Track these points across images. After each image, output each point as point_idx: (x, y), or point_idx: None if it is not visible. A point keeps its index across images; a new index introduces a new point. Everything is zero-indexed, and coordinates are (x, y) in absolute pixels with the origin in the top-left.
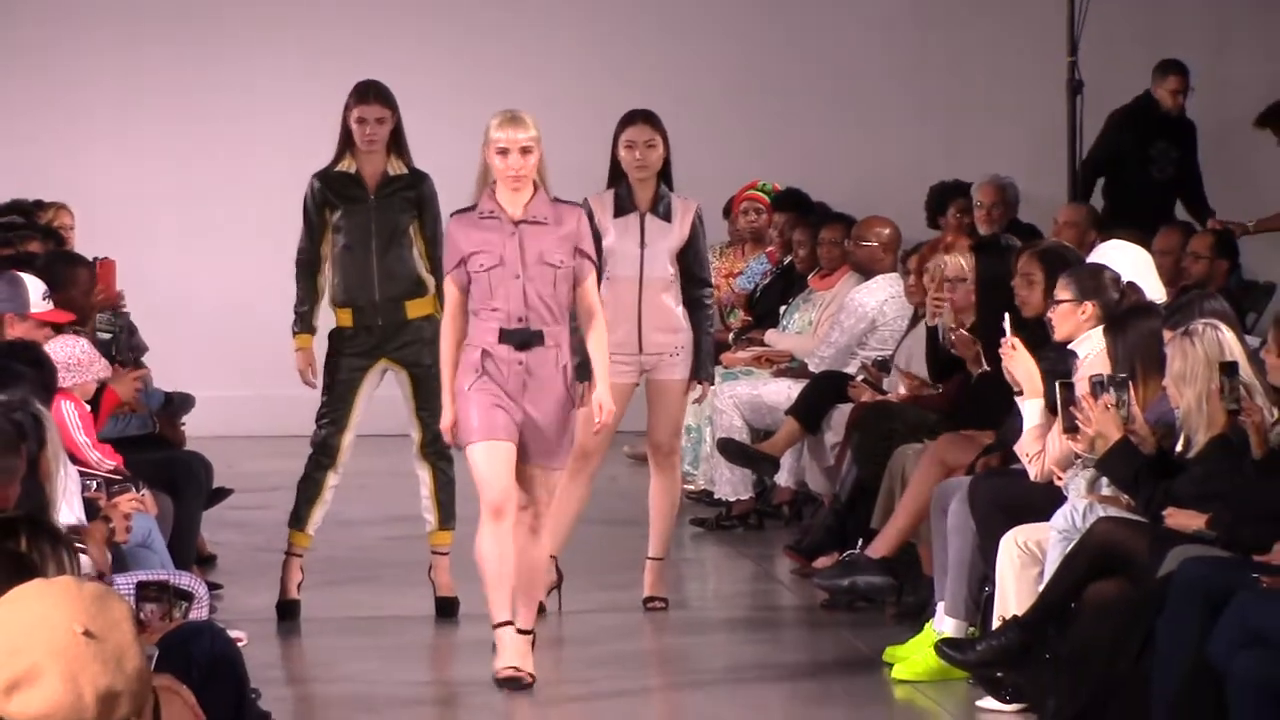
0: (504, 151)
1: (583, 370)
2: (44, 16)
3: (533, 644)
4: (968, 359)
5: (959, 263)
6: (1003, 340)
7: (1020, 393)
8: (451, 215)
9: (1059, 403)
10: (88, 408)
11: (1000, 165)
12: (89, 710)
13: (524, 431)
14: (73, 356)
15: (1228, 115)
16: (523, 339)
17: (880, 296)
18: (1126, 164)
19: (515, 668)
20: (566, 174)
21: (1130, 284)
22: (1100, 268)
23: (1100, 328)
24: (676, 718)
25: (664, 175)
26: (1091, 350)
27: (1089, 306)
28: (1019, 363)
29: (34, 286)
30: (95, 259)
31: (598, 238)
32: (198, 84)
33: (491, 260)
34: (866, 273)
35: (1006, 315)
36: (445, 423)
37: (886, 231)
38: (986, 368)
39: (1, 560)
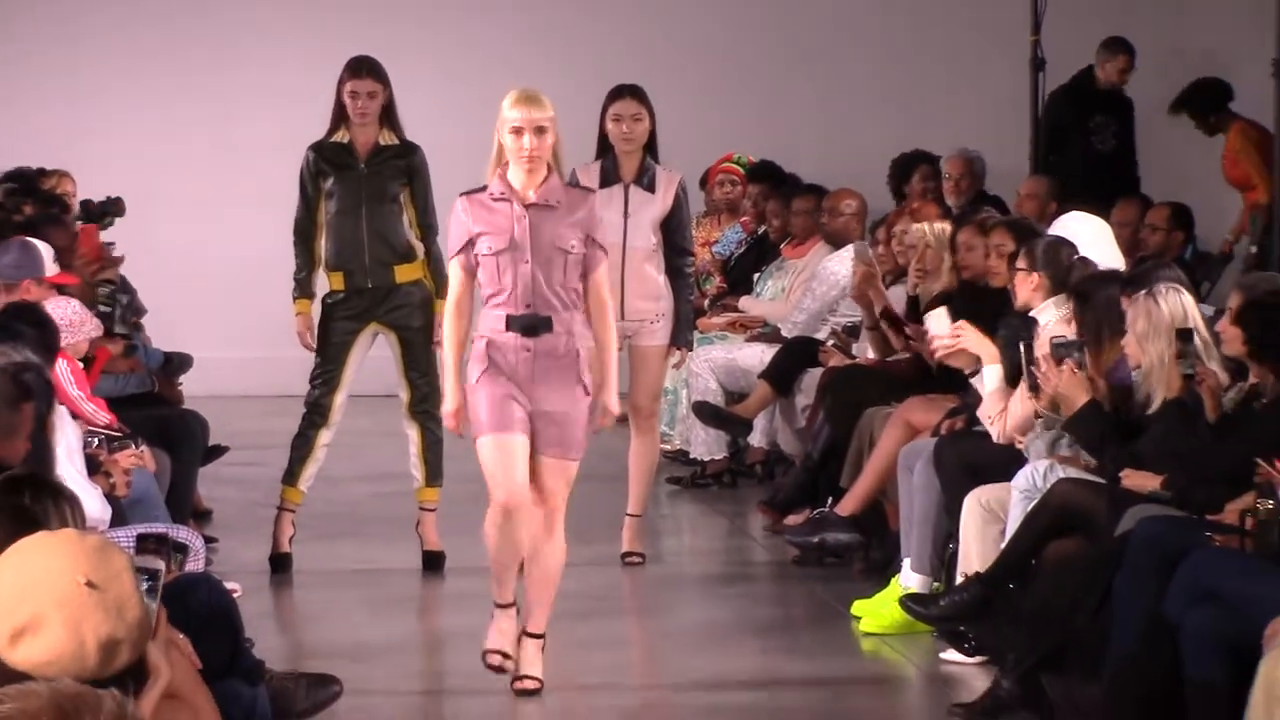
0: (518, 130)
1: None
2: None
3: (543, 648)
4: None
5: (922, 230)
6: (942, 335)
7: (975, 373)
8: (460, 195)
9: (1023, 364)
10: (80, 365)
11: (966, 140)
12: (91, 658)
13: (535, 421)
14: (65, 317)
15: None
16: (529, 324)
17: (850, 265)
18: (1069, 137)
19: (501, 653)
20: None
21: (1081, 258)
22: (1055, 241)
23: (1056, 296)
24: (653, 667)
25: (649, 148)
26: (1050, 317)
27: (1038, 277)
28: (970, 340)
29: (46, 252)
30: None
31: None
32: (197, 57)
33: (500, 243)
34: (837, 242)
35: (944, 308)
36: (447, 408)
37: (855, 203)
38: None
39: (7, 514)
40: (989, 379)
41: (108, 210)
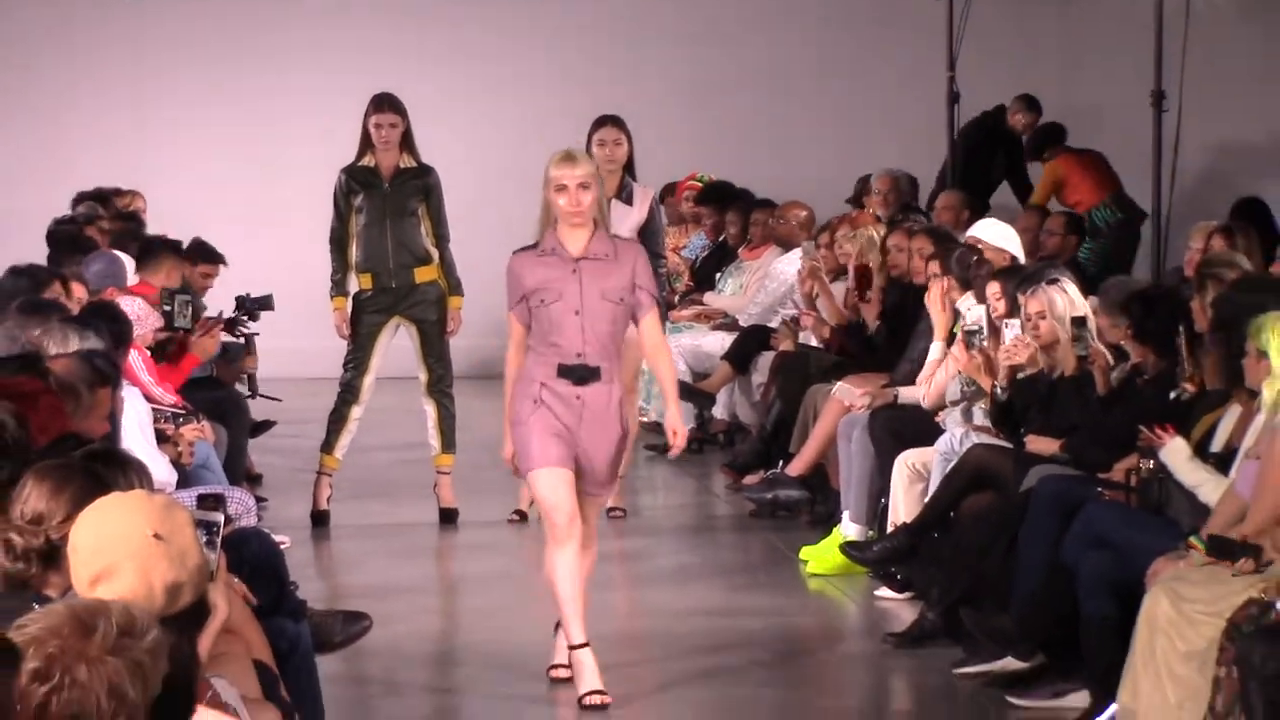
0: (562, 188)
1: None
2: (127, 34)
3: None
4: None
5: (865, 237)
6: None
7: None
8: (514, 253)
9: (960, 342)
10: (148, 353)
11: (893, 159)
12: (158, 599)
13: (578, 461)
14: (133, 313)
15: (1081, 117)
16: (581, 375)
17: (798, 265)
18: (972, 165)
19: (601, 693)
20: (538, 165)
21: (980, 259)
22: (964, 251)
23: (969, 292)
24: (634, 604)
25: (628, 167)
26: (969, 307)
27: (948, 280)
28: (934, 311)
29: (128, 264)
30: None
31: None
32: (248, 90)
33: (552, 296)
34: (787, 246)
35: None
36: (506, 453)
37: (803, 213)
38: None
39: (88, 481)
40: (932, 351)
41: (262, 305)
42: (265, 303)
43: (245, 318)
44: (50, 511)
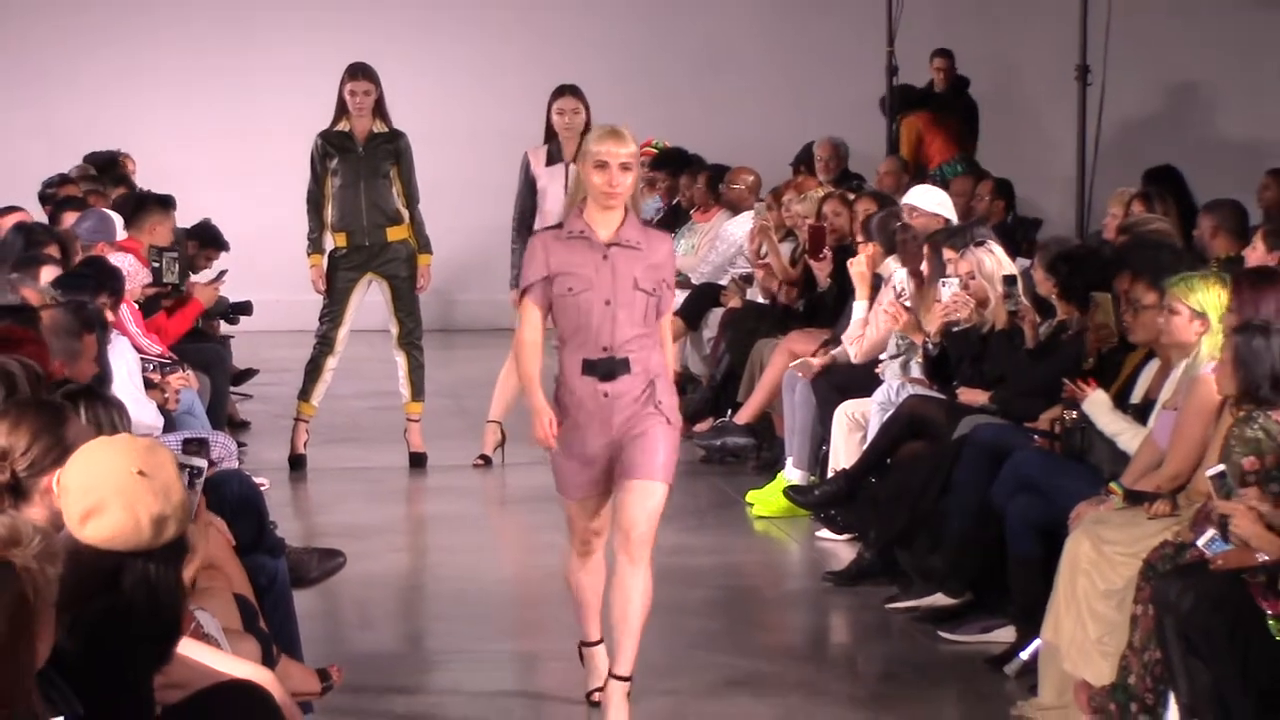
0: (603, 165)
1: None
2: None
3: (629, 693)
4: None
5: (813, 199)
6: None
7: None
8: (537, 233)
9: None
10: (136, 307)
11: (836, 128)
12: (145, 532)
13: (617, 453)
14: (124, 268)
15: (1009, 90)
16: (607, 370)
17: (745, 227)
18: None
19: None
20: (506, 133)
21: (903, 224)
22: (884, 216)
23: (893, 255)
24: None
25: (585, 134)
26: (894, 274)
27: (873, 245)
28: (855, 274)
29: (117, 220)
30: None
31: (534, 182)
32: (234, 61)
33: (581, 285)
34: (736, 209)
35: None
36: (536, 425)
37: (751, 178)
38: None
39: (42, 411)
40: (856, 311)
41: (241, 310)
42: (244, 308)
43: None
44: (12, 446)
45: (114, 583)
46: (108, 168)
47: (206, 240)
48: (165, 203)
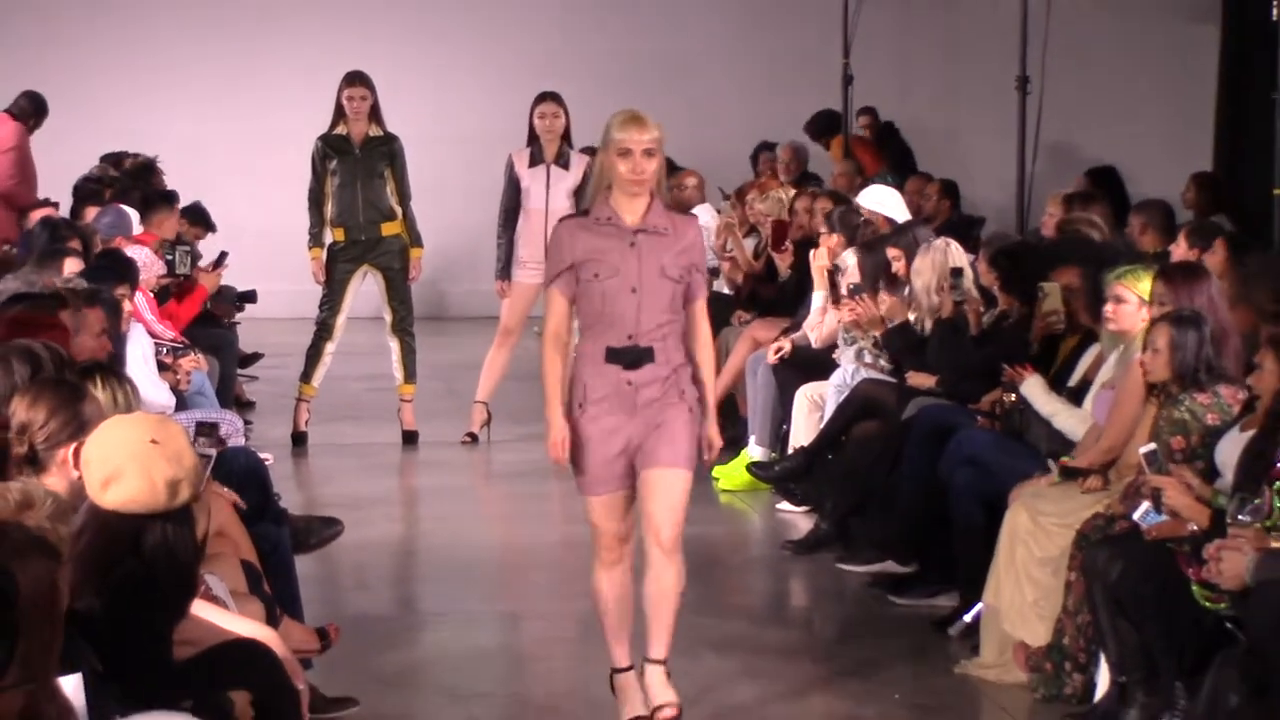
0: (626, 153)
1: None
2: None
3: (668, 673)
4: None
5: (775, 198)
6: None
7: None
8: (561, 220)
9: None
10: (151, 295)
11: (794, 133)
12: (161, 495)
13: (643, 443)
14: (140, 259)
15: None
16: (632, 358)
17: (705, 220)
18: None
19: (647, 717)
20: (490, 136)
21: (865, 220)
22: (847, 210)
23: (852, 249)
24: (568, 513)
25: (565, 137)
26: (849, 265)
27: (836, 237)
28: (814, 265)
29: (134, 216)
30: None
31: (518, 182)
32: (242, 64)
33: (607, 271)
34: (685, 208)
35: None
36: (551, 440)
37: (694, 180)
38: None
39: (59, 387)
40: (815, 301)
41: (246, 298)
42: (250, 297)
43: (234, 308)
44: (31, 420)
45: (136, 546)
46: (142, 174)
47: (195, 219)
48: (170, 199)
